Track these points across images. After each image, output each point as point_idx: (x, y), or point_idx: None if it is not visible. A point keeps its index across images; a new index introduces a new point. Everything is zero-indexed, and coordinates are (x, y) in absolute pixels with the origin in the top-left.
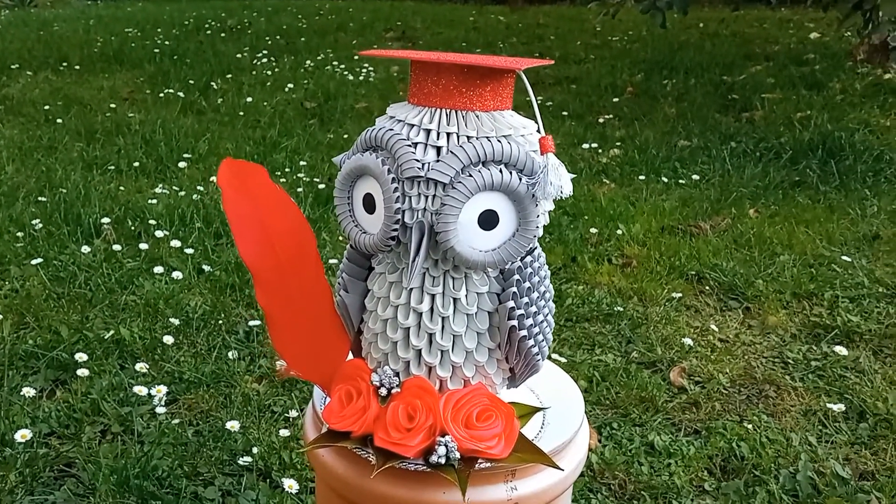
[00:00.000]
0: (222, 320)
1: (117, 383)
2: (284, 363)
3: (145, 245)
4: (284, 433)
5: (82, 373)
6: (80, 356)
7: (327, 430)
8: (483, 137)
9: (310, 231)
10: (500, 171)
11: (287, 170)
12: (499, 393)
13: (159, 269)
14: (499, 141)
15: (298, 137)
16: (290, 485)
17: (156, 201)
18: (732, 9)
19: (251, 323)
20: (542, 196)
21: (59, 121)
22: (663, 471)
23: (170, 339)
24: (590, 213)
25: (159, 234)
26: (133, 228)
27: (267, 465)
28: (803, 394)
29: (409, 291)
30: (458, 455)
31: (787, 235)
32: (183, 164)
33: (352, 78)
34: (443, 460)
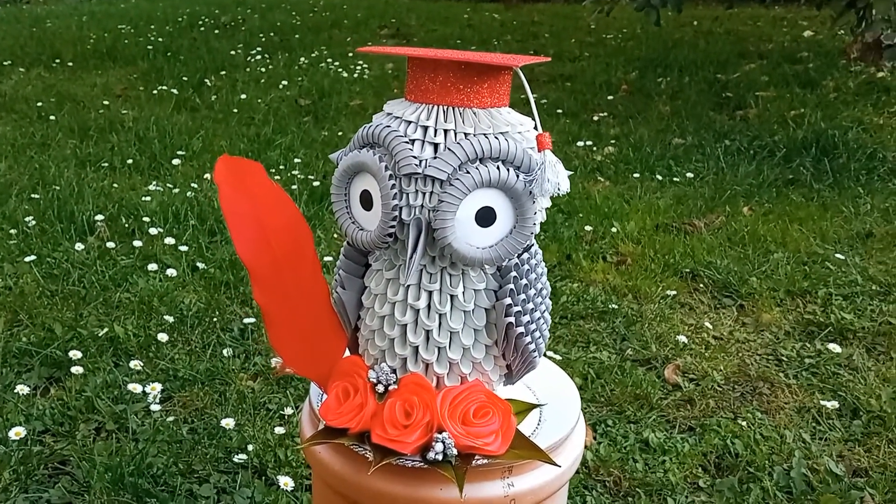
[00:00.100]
0: (217, 318)
1: (112, 381)
2: (280, 360)
3: (139, 242)
4: (279, 430)
5: (76, 370)
6: (74, 354)
7: (324, 426)
8: (480, 134)
9: (307, 228)
10: (498, 168)
11: (281, 167)
12: (495, 390)
13: (153, 267)
14: (496, 138)
15: (293, 135)
16: (285, 482)
17: (150, 198)
18: (726, 7)
19: (246, 320)
20: (540, 193)
21: (52, 118)
22: (658, 468)
23: (164, 336)
24: (584, 210)
25: (153, 231)
26: (127, 226)
27: (262, 462)
28: (797, 391)
29: (407, 288)
30: (455, 452)
31: (781, 233)
32: (177, 161)
33: (346, 75)
34: (440, 457)
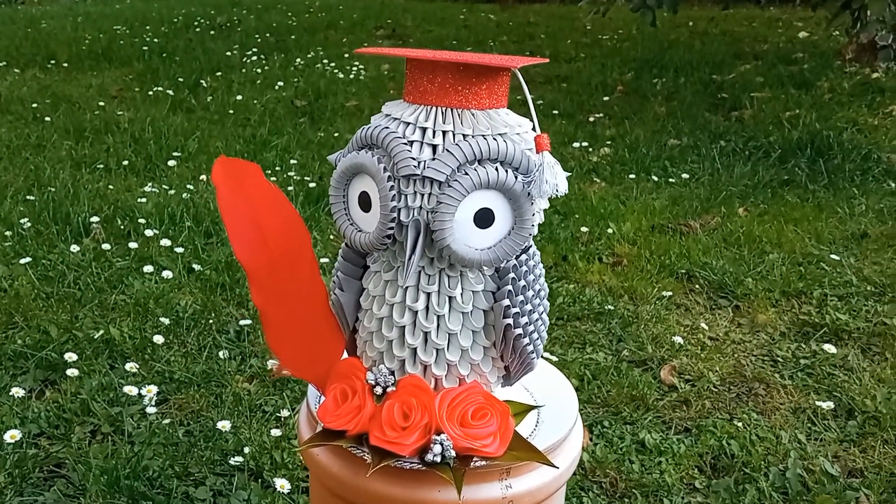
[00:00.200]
0: (213, 320)
1: (107, 383)
2: (277, 362)
3: (135, 244)
4: (276, 433)
5: (72, 373)
6: (70, 356)
7: (322, 429)
8: (479, 136)
9: (304, 229)
10: (496, 170)
11: (278, 168)
12: (494, 391)
13: (149, 269)
14: (494, 139)
15: (289, 136)
16: (281, 484)
17: (145, 200)
18: (722, 7)
19: (242, 322)
20: (538, 194)
21: (47, 119)
22: (654, 469)
23: (160, 338)
24: (580, 211)
25: (149, 232)
26: (122, 227)
27: (258, 464)
28: (792, 392)
29: (405, 290)
30: (453, 453)
31: (777, 234)
32: (172, 162)
33: (342, 76)
34: (438, 459)
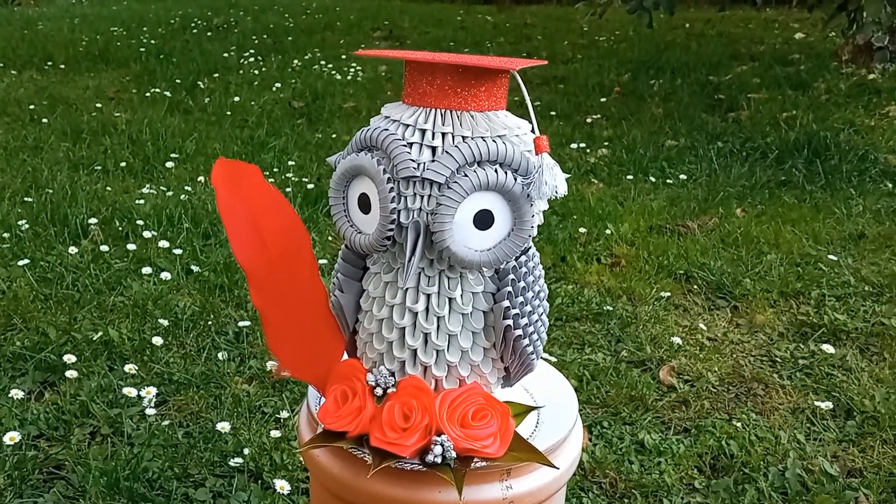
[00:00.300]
0: (211, 321)
1: (106, 385)
2: (276, 364)
3: (133, 246)
4: (275, 434)
5: (71, 374)
6: (69, 358)
7: (323, 430)
8: (478, 137)
9: (304, 231)
10: (496, 171)
11: (275, 170)
12: (494, 392)
13: (147, 270)
14: (494, 141)
15: (286, 137)
16: (281, 486)
17: (143, 201)
18: (718, 9)
19: (241, 323)
20: (537, 196)
21: (44, 120)
22: (653, 469)
23: (159, 340)
24: (578, 212)
25: (147, 234)
26: (120, 229)
27: (258, 466)
28: (791, 392)
29: (405, 291)
30: (453, 454)
31: (774, 234)
32: (170, 163)
33: (339, 77)
34: (439, 459)
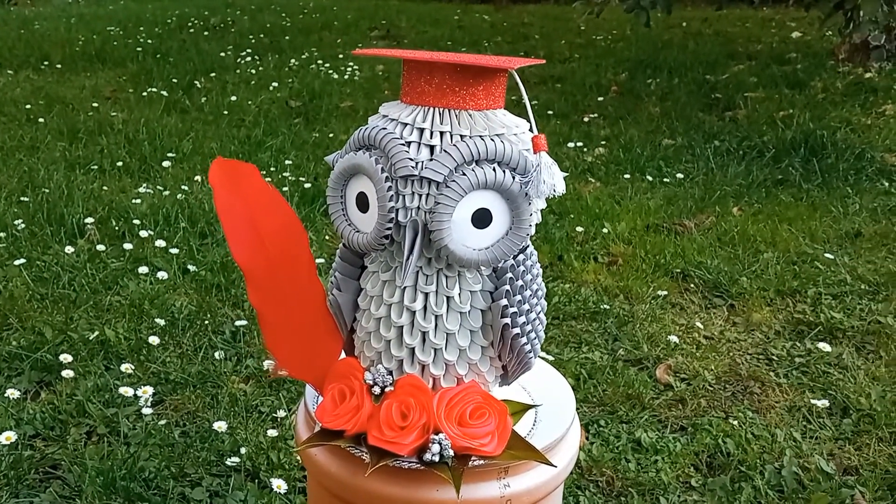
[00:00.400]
0: (208, 320)
1: (103, 384)
2: (273, 363)
3: (129, 245)
4: (272, 433)
5: (67, 374)
6: (65, 357)
7: (320, 429)
8: (476, 136)
9: (302, 230)
10: (494, 170)
11: (272, 169)
12: (491, 390)
13: (144, 270)
14: (492, 140)
15: (283, 136)
16: (278, 485)
17: (140, 201)
18: (715, 8)
19: (237, 323)
20: (535, 194)
21: (41, 120)
22: (650, 467)
23: (155, 339)
24: (576, 211)
25: (144, 233)
26: (117, 228)
27: (255, 465)
28: (787, 390)
29: (403, 290)
30: (451, 453)
31: (771, 233)
32: (167, 163)
33: (336, 77)
34: (437, 458)
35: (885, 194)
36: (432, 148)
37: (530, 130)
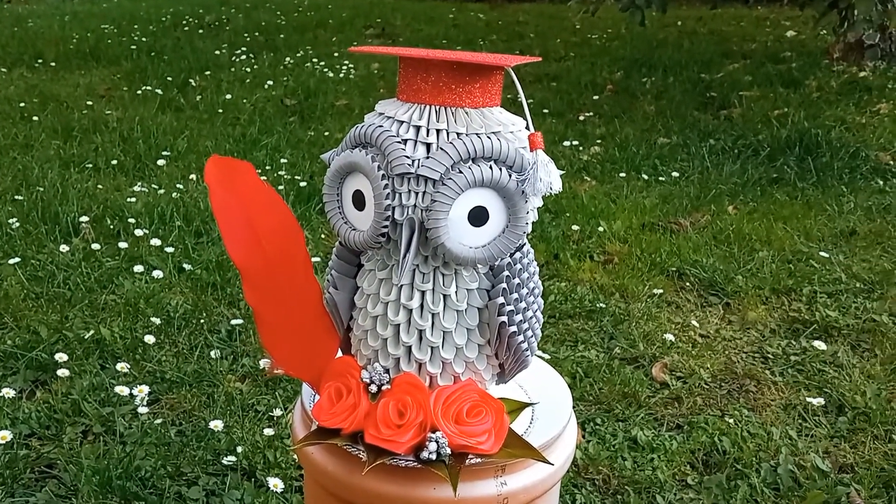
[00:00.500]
0: (204, 319)
1: (98, 383)
2: (269, 362)
3: (125, 244)
4: (269, 432)
5: (62, 373)
6: (60, 356)
7: (317, 427)
8: (473, 134)
9: (298, 228)
10: (490, 168)
11: (268, 167)
12: (488, 389)
13: (139, 268)
14: (488, 137)
15: (279, 135)
16: (275, 484)
17: (135, 199)
18: (710, 7)
19: (233, 322)
20: (532, 192)
21: (35, 118)
22: (646, 465)
23: (151, 338)
24: (571, 210)
25: (139, 232)
26: (112, 227)
27: (251, 464)
28: (783, 388)
29: (399, 288)
30: (448, 451)
31: (766, 232)
32: (162, 161)
33: (332, 75)
34: (433, 456)
35: (879, 193)
36: (429, 146)
37: (526, 128)
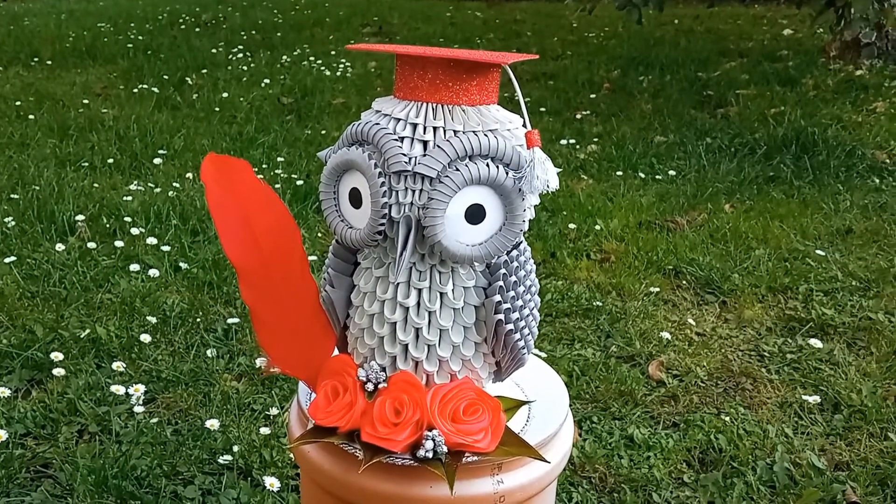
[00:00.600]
0: (200, 318)
1: (94, 382)
2: (266, 360)
3: (121, 242)
4: (265, 431)
5: (58, 372)
6: (56, 355)
7: (313, 426)
8: (470, 132)
9: (295, 227)
10: (487, 166)
11: (264, 166)
12: (485, 387)
13: (135, 267)
14: (485, 135)
15: (276, 133)
16: (271, 483)
17: (131, 198)
18: (707, 5)
19: (229, 320)
20: (529, 190)
21: (30, 117)
22: (643, 463)
23: (147, 337)
24: (568, 208)
25: (135, 231)
26: (108, 226)
27: (247, 463)
28: (779, 386)
29: (396, 286)
30: (445, 449)
31: (762, 230)
32: (158, 160)
33: (329, 73)
34: (430, 454)
35: (875, 191)
36: (425, 143)
37: (524, 126)
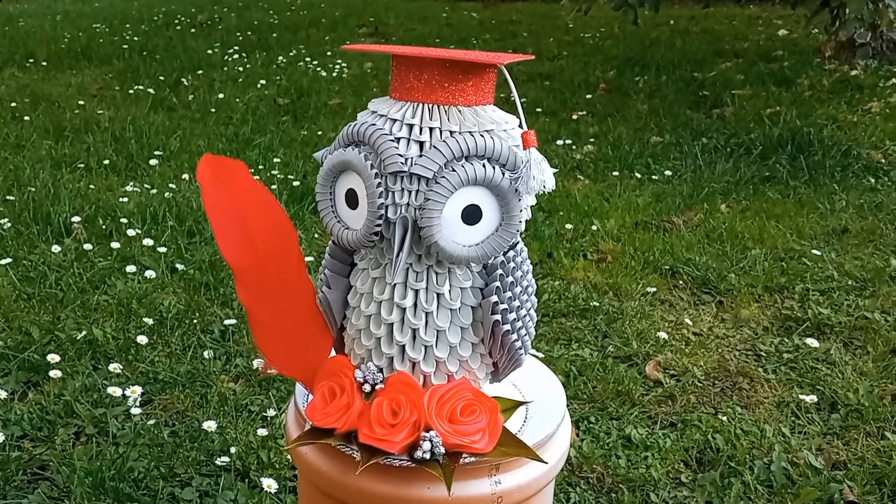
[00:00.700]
0: (197, 319)
1: (91, 384)
2: (263, 361)
3: (117, 244)
4: (262, 432)
5: (55, 374)
6: (52, 357)
7: (310, 427)
8: (466, 132)
9: (291, 227)
10: (483, 166)
11: (261, 167)
12: (482, 387)
13: (132, 269)
14: (482, 136)
15: (272, 134)
16: (268, 484)
17: (127, 199)
18: (702, 6)
19: (226, 322)
20: (525, 191)
21: (26, 118)
22: (640, 464)
23: (143, 339)
24: (565, 209)
25: (131, 232)
26: (104, 227)
27: (245, 464)
28: (776, 386)
29: (393, 287)
30: (442, 450)
31: (759, 230)
32: (154, 161)
33: (325, 74)
34: (427, 455)
35: (871, 191)
36: (422, 144)
37: (520, 126)
